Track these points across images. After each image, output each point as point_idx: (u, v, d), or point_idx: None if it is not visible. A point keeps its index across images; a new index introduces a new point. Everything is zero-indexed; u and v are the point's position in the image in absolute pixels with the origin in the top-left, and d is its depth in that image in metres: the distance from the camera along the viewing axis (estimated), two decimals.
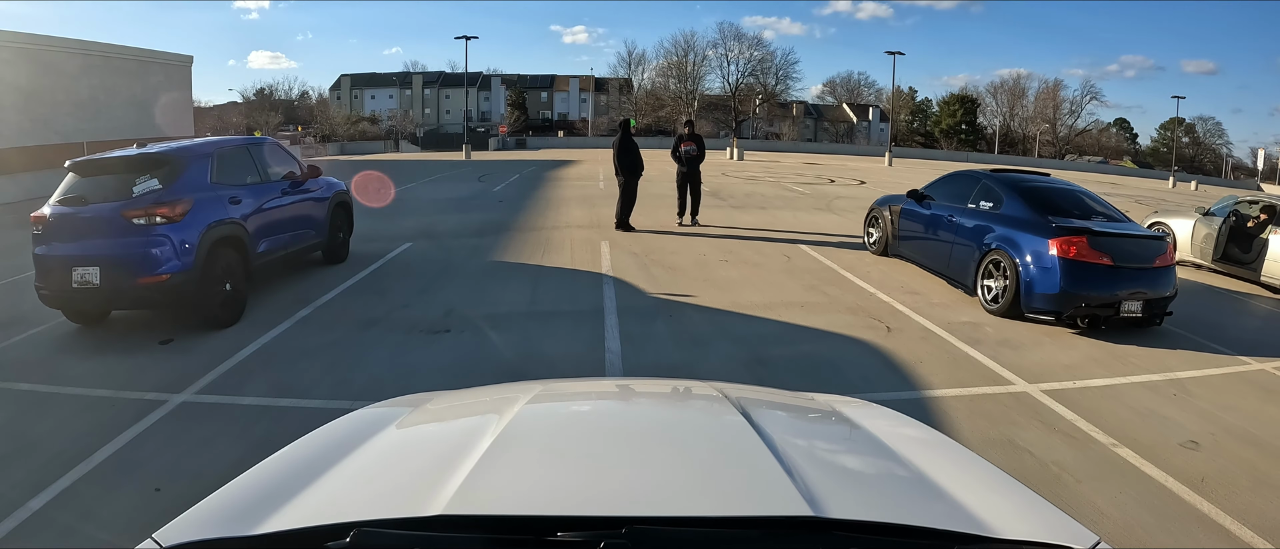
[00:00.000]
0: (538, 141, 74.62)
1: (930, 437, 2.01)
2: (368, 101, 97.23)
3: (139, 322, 8.16)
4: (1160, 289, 8.15)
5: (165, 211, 7.38)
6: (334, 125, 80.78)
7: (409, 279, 10.04)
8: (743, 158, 46.46)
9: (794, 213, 18.08)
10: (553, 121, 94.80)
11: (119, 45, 44.34)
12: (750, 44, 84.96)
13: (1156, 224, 13.94)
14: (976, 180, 10.00)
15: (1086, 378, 6.65)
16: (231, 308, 8.00)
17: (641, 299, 9.02)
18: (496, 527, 1.25)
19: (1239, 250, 12.19)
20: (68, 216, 7.57)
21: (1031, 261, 8.19)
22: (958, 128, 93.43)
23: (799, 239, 13.69)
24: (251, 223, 8.56)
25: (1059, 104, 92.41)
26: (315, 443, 1.79)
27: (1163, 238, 8.60)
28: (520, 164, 39.32)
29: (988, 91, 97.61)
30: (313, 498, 1.42)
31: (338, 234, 11.03)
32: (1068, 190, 9.51)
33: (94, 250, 7.33)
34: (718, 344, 7.34)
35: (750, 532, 1.26)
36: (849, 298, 9.23)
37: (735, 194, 22.16)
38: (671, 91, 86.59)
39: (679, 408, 2.33)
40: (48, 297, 7.64)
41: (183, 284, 7.45)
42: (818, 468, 1.57)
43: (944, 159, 62.07)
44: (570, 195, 21.65)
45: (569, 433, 1.91)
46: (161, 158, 7.89)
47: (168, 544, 1.28)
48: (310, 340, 7.37)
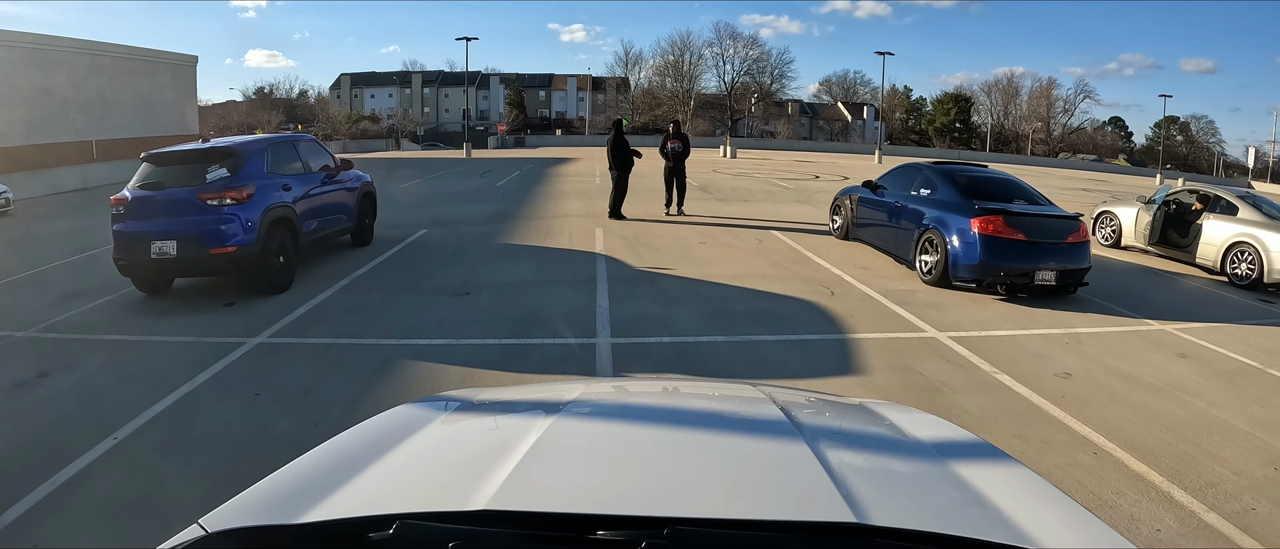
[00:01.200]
0: (536, 140, 76.01)
1: (976, 444, 2.01)
2: (368, 100, 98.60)
3: (202, 290, 9.64)
4: (1072, 262, 9.63)
5: (234, 195, 8.87)
6: (336, 124, 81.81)
7: (429, 257, 11.56)
8: (736, 155, 47.69)
9: (774, 205, 19.61)
10: (551, 120, 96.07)
11: (127, 46, 45.59)
12: (746, 43, 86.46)
13: (1105, 212, 15.47)
14: (919, 171, 11.56)
15: (992, 330, 8.14)
16: (284, 277, 9.49)
17: (628, 271, 10.54)
18: (539, 523, 1.26)
19: (1177, 235, 13.59)
20: (146, 199, 9.02)
21: (957, 238, 9.71)
22: (952, 126, 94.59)
23: (773, 227, 15.20)
24: (299, 206, 10.06)
25: (1053, 102, 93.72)
26: (361, 436, 1.81)
27: (1075, 218, 10.04)
28: (520, 161, 40.91)
29: (982, 90, 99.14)
30: (357, 489, 1.44)
31: (365, 220, 12.56)
32: (996, 179, 11.05)
33: (172, 227, 8.78)
34: (688, 302, 8.87)
35: (792, 536, 1.26)
36: (806, 271, 10.74)
37: (722, 188, 23.66)
38: (668, 90, 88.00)
39: (723, 409, 2.32)
40: (126, 266, 9.09)
41: (247, 255, 8.92)
42: (861, 473, 1.58)
43: (934, 157, 63.22)
44: (568, 189, 23.19)
45: (613, 432, 1.91)
46: (228, 151, 9.42)
47: (213, 530, 1.31)
48: (354, 301, 8.89)
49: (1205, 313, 9.70)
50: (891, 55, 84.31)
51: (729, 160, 43.21)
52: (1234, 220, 12.35)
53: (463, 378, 6.29)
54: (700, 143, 32.63)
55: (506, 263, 11.15)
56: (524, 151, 57.91)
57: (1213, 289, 11.51)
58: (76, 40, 41.72)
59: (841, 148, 74.77)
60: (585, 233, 13.93)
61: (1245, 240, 11.93)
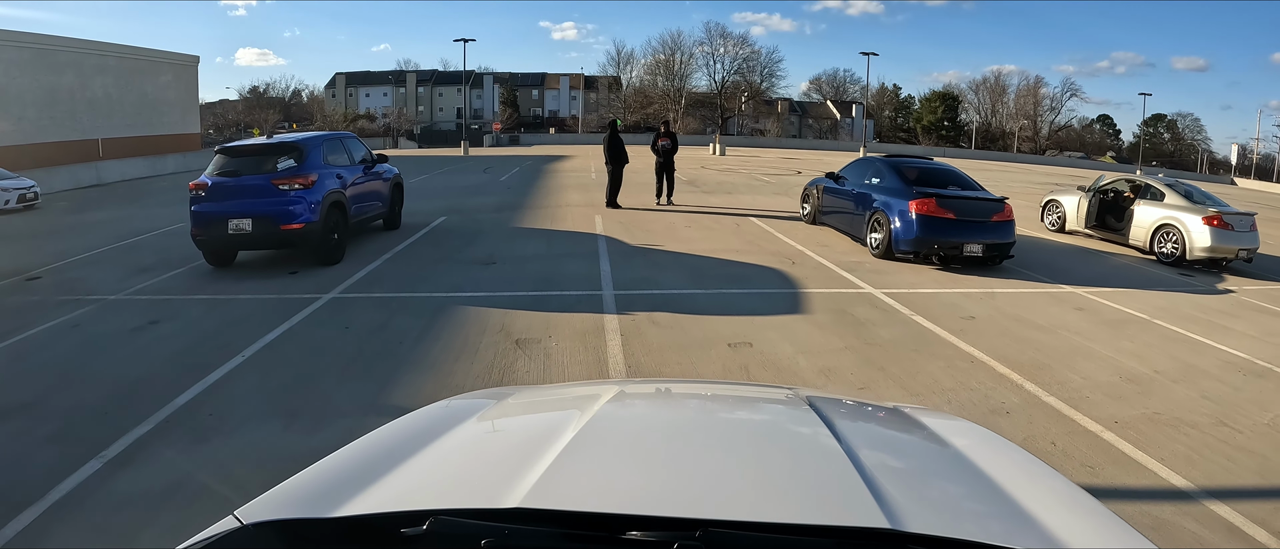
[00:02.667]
0: (530, 138, 77.51)
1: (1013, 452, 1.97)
2: (362, 99, 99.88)
3: (264, 262, 11.50)
4: (997, 237, 11.58)
5: (301, 181, 10.76)
6: (333, 123, 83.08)
7: (454, 238, 13.49)
8: (724, 153, 49.27)
9: (754, 196, 21.69)
10: (544, 118, 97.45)
11: (131, 46, 47.22)
12: (737, 42, 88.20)
13: (1051, 201, 17.49)
14: (872, 163, 13.55)
15: (920, 289, 10.09)
16: (338, 251, 11.38)
17: (624, 247, 12.51)
18: (572, 522, 1.27)
19: (1113, 219, 15.40)
20: (224, 184, 10.84)
21: (898, 218, 11.68)
22: (939, 124, 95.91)
23: (752, 214, 17.17)
24: (348, 192, 11.96)
25: (1039, 100, 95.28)
26: (396, 432, 1.84)
27: (1000, 201, 11.94)
28: (517, 159, 42.88)
29: (970, 88, 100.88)
30: (392, 484, 1.47)
31: (396, 207, 14.50)
32: (935, 168, 13.05)
33: (248, 207, 10.61)
34: (674, 268, 10.85)
35: (825, 541, 1.24)
36: (774, 248, 12.73)
37: (708, 183, 25.66)
38: (660, 89, 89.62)
39: (758, 412, 2.33)
40: (204, 241, 10.90)
41: (311, 232, 10.80)
42: (896, 479, 1.57)
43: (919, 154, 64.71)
44: (567, 183, 25.19)
45: (648, 433, 1.93)
46: (293, 145, 11.32)
47: (249, 522, 1.33)
48: (401, 269, 10.81)
49: (1119, 281, 11.55)
50: (876, 56, 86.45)
51: (718, 158, 44.85)
52: (1161, 205, 14.03)
53: (503, 317, 8.18)
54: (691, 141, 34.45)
55: (521, 241, 13.12)
56: (519, 149, 59.96)
57: (1138, 265, 13.29)
58: (83, 41, 43.15)
59: (829, 146, 75.98)
60: (586, 218, 15.90)
61: (1170, 222, 13.60)
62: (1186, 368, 7.27)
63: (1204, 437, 5.59)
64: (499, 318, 8.15)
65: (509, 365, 6.68)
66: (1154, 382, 6.81)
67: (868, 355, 7.16)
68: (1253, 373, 7.28)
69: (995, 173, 41.11)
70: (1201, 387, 6.74)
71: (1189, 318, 9.34)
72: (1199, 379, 6.95)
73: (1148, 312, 9.51)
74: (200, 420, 5.59)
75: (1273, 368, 7.44)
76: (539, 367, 6.67)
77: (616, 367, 6.66)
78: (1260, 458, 5.27)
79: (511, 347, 7.16)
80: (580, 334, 7.60)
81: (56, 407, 5.96)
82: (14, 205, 22.39)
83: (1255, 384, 6.94)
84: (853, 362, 6.98)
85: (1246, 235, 13.22)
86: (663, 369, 6.66)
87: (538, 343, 7.29)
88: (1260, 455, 5.31)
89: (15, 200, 22.49)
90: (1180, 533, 4.21)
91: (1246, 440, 5.57)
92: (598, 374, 6.53)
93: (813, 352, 7.23)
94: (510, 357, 6.90)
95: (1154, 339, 8.28)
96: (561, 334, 7.59)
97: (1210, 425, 5.83)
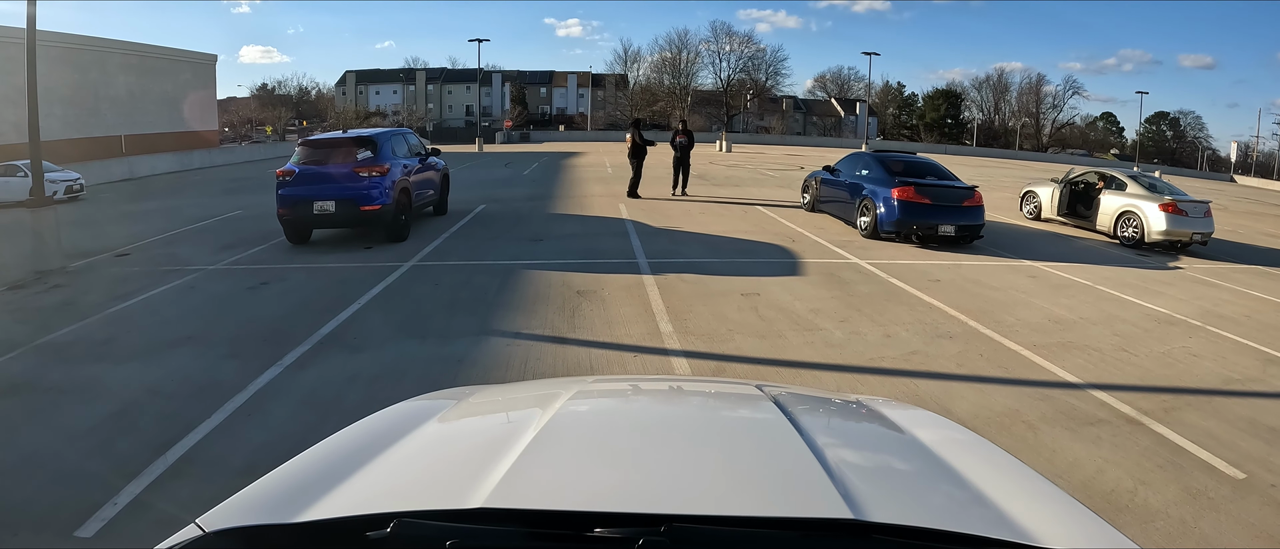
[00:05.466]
0: (540, 135, 79.13)
1: (973, 441, 2.00)
2: (372, 97, 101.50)
3: (337, 240, 13.37)
4: (968, 221, 13.54)
5: (378, 170, 12.72)
6: (345, 120, 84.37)
7: (500, 221, 15.55)
8: (730, 150, 51.24)
9: (759, 189, 23.82)
10: (552, 116, 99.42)
11: (152, 45, 48.97)
12: (742, 41, 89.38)
13: (1029, 191, 19.27)
14: (862, 157, 15.61)
15: (899, 260, 12.04)
16: (405, 230, 13.34)
17: (649, 228, 14.58)
18: (537, 521, 1.27)
19: (1083, 208, 16.99)
20: (309, 171, 12.71)
21: (882, 203, 13.67)
22: (941, 122, 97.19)
23: (757, 204, 19.21)
24: (411, 179, 13.93)
25: (1041, 98, 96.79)
26: (358, 434, 1.82)
27: (970, 188, 13.85)
28: (534, 155, 45.01)
29: (973, 86, 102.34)
30: (355, 488, 1.46)
31: (444, 195, 16.55)
32: (916, 161, 15.05)
33: (332, 191, 12.52)
34: (693, 244, 12.92)
35: (790, 532, 1.26)
36: (777, 230, 14.76)
37: (717, 177, 27.75)
38: (666, 87, 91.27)
39: (720, 407, 2.37)
40: (289, 220, 12.75)
41: (385, 212, 12.74)
42: (859, 470, 1.60)
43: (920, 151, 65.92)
44: (587, 177, 27.36)
45: (610, 430, 1.93)
46: (368, 139, 13.31)
47: (211, 529, 1.32)
48: (463, 244, 12.82)
49: (1076, 258, 13.24)
50: (877, 55, 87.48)
51: (724, 154, 46.93)
52: (1123, 194, 15.58)
53: (562, 276, 10.15)
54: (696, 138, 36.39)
55: (559, 224, 15.21)
56: (531, 146, 62.11)
57: (1100, 247, 14.84)
58: (106, 40, 44.88)
59: (832, 143, 76.48)
60: (611, 206, 18.02)
61: (1131, 209, 15.16)
62: (1108, 316, 9.13)
63: (1103, 357, 7.50)
64: (559, 277, 10.14)
65: (576, 307, 8.65)
66: (1076, 324, 8.68)
67: (849, 302, 9.17)
68: (1165, 322, 9.07)
69: (992, 169, 43.03)
70: (1115, 328, 8.61)
71: (1128, 285, 11.09)
72: (1116, 324, 8.80)
73: (1092, 280, 11.25)
74: (347, 342, 7.37)
75: (1186, 320, 9.17)
76: (599, 308, 8.63)
77: (658, 308, 8.63)
78: (1144, 370, 7.16)
79: (574, 295, 9.17)
80: (626, 287, 9.60)
81: (218, 337, 7.63)
82: (61, 196, 23.83)
83: (1163, 329, 8.74)
84: (837, 306, 8.98)
85: (1201, 221, 14.64)
86: (692, 309, 8.62)
87: (594, 293, 9.28)
88: (1144, 369, 7.20)
89: (62, 191, 24.12)
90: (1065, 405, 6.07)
91: (1138, 360, 7.45)
92: (645, 313, 8.46)
93: (806, 299, 9.23)
94: (575, 301, 8.89)
95: (1089, 298, 10.07)
96: (611, 287, 9.59)
97: (1111, 351, 7.72)
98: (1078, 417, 5.86)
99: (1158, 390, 6.58)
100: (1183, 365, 7.36)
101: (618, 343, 7.43)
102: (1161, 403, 6.24)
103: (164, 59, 50.36)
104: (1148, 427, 5.70)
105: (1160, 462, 5.10)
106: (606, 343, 7.42)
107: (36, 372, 6.79)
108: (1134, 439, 5.45)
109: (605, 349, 7.25)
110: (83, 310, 8.99)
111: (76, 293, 10.04)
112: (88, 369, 6.81)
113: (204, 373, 6.59)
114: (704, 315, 8.36)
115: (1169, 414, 5.97)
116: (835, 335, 7.78)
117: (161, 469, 4.70)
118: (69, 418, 5.65)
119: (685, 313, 8.44)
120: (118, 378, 6.52)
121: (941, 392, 6.29)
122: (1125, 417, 5.89)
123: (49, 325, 8.32)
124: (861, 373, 6.71)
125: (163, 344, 7.47)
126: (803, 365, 6.89)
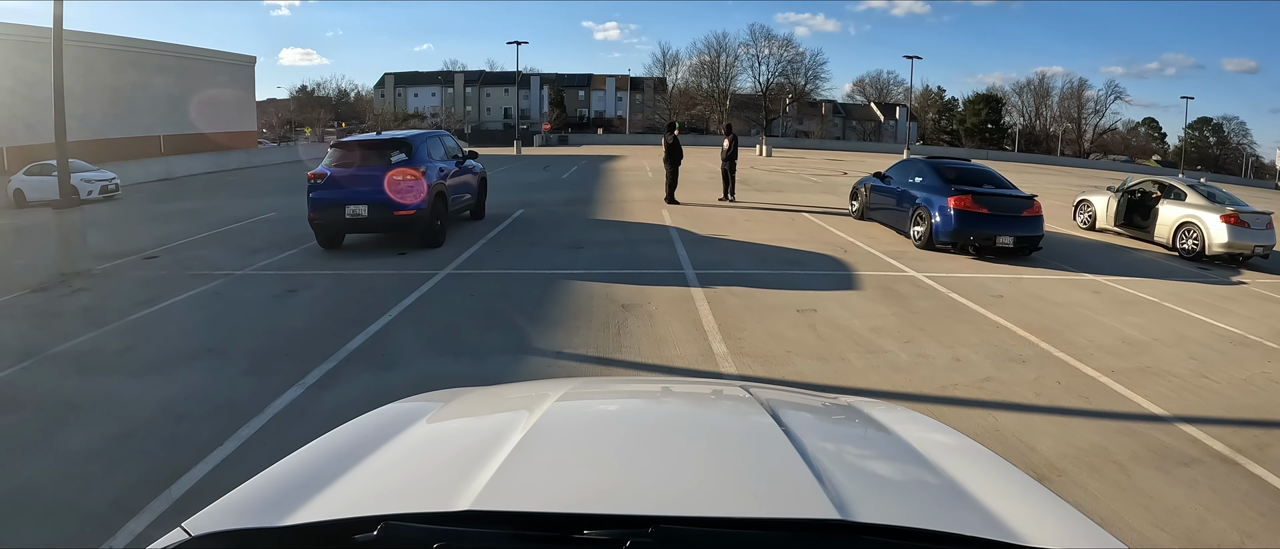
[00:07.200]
0: (578, 138, 79.17)
1: (959, 442, 2.02)
2: (411, 99, 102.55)
3: (370, 245, 13.03)
4: (1027, 231, 12.85)
5: (413, 173, 12.29)
6: (383, 122, 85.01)
7: (538, 227, 15.09)
8: (771, 154, 50.70)
9: (803, 195, 23.11)
10: (590, 119, 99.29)
11: (190, 46, 49.48)
12: (781, 44, 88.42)
13: (1083, 200, 18.57)
14: (915, 164, 14.91)
15: (956, 273, 11.40)
16: (440, 235, 12.93)
17: (694, 236, 14.01)
18: (524, 523, 1.27)
19: (1140, 218, 16.40)
20: (342, 174, 12.32)
21: (938, 212, 13.01)
22: (982, 126, 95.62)
23: (803, 210, 18.61)
24: (448, 183, 13.53)
25: (1083, 103, 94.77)
26: (345, 437, 1.83)
27: (1030, 198, 13.16)
28: (572, 158, 44.75)
29: (1013, 90, 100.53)
30: (341, 491, 1.46)
31: (482, 199, 16.10)
32: (972, 169, 14.36)
33: (365, 195, 12.10)
34: (740, 253, 12.32)
35: (777, 533, 1.27)
36: (826, 238, 14.13)
37: (759, 182, 27.12)
38: (704, 91, 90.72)
39: (707, 408, 2.36)
40: (320, 224, 12.37)
41: (420, 217, 12.32)
42: (846, 471, 1.60)
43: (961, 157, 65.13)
44: (626, 181, 26.90)
45: (597, 431, 1.94)
46: (402, 141, 12.90)
47: (197, 533, 1.32)
48: (499, 252, 12.36)
49: (1137, 271, 12.63)
50: (919, 59, 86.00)
51: (765, 159, 46.31)
52: (1183, 204, 15.02)
53: (604, 288, 9.66)
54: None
55: (599, 230, 14.70)
56: (569, 149, 61.92)
57: (1160, 260, 14.26)
58: (146, 41, 45.43)
59: (873, 147, 76.89)
60: (653, 212, 17.48)
61: (1191, 220, 14.60)
62: (1180, 337, 8.49)
63: (1183, 383, 6.87)
64: (601, 288, 9.63)
65: (622, 323, 8.13)
66: (1150, 346, 8.05)
67: (910, 320, 8.54)
68: (1240, 343, 8.45)
69: (1035, 175, 41.77)
70: (1189, 351, 7.96)
71: (1195, 302, 10.45)
72: (1189, 346, 8.16)
73: (1157, 296, 10.62)
74: (376, 359, 6.96)
75: (1261, 342, 8.58)
76: (646, 324, 8.10)
77: (709, 325, 8.07)
78: (1228, 399, 6.54)
79: (619, 309, 8.66)
80: (673, 301, 9.06)
81: (240, 349, 7.29)
82: (96, 196, 24.10)
83: (1239, 351, 8.13)
84: (898, 324, 8.36)
85: (1263, 233, 14.08)
86: (745, 326, 8.07)
87: (640, 307, 8.76)
88: (1228, 397, 6.58)
89: (98, 191, 24.35)
90: (1154, 441, 5.50)
91: (1219, 388, 6.83)
92: (695, 331, 7.92)
93: (864, 316, 8.63)
94: (621, 316, 8.37)
95: (1157, 316, 9.45)
96: (658, 301, 9.05)
97: (1190, 376, 7.09)
98: (1169, 455, 5.33)
99: (1246, 424, 6.05)
100: (1266, 394, 6.81)
101: (667, 365, 6.90)
102: (1253, 438, 5.71)
103: (203, 61, 50.77)
104: (1244, 467, 5.21)
105: (1263, 509, 4.62)
106: (655, 365, 6.90)
107: (48, 384, 6.49)
108: (1231, 482, 4.95)
109: (654, 373, 6.72)
110: (103, 316, 8.72)
111: (99, 297, 9.80)
112: (101, 383, 6.49)
113: (221, 391, 6.22)
114: (758, 334, 7.80)
115: (1263, 451, 5.46)
116: (900, 358, 7.18)
117: (164, 506, 4.27)
118: (74, 440, 5.26)
119: (738, 331, 7.89)
120: (131, 393, 6.18)
121: (1021, 426, 5.70)
122: (1218, 455, 5.38)
123: (68, 332, 8.06)
124: (934, 402, 6.10)
125: (182, 356, 7.15)
126: (870, 393, 6.31)
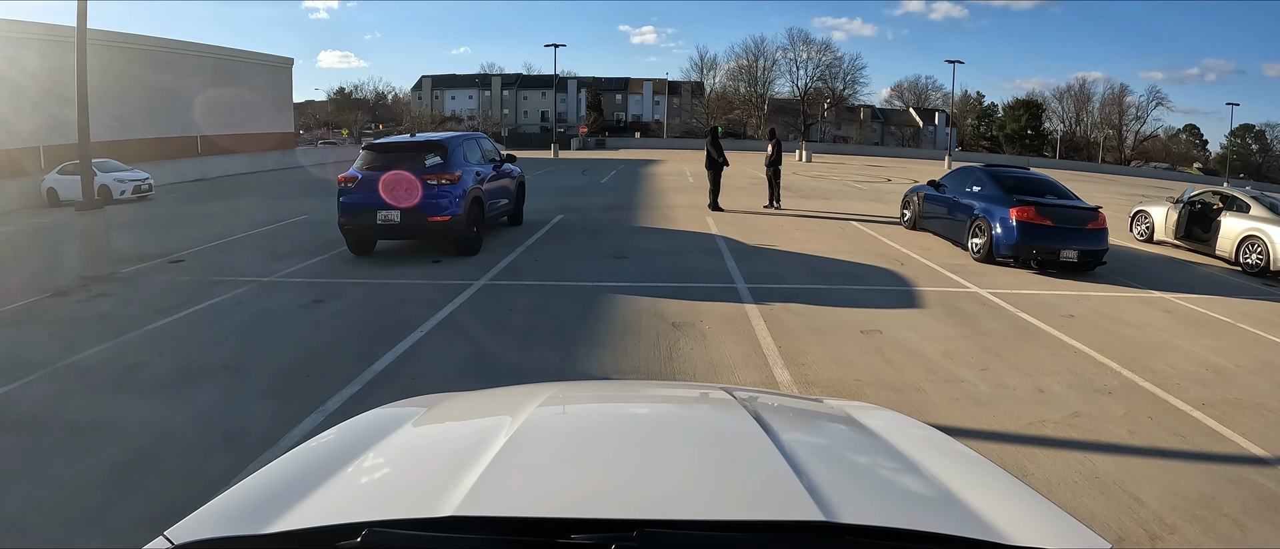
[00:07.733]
0: (616, 141, 78.91)
1: (942, 442, 2.02)
2: (448, 102, 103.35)
3: (405, 251, 12.64)
4: (1092, 244, 12.11)
5: (448, 178, 11.82)
6: (420, 124, 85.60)
7: (578, 234, 14.61)
8: (810, 159, 49.94)
9: (850, 202, 22.40)
10: (627, 123, 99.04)
11: (228, 48, 49.99)
12: (819, 49, 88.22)
13: (1140, 211, 17.76)
14: (972, 172, 14.22)
15: (1021, 289, 10.71)
16: (476, 242, 12.46)
17: (742, 246, 13.45)
18: (508, 528, 1.27)
19: (1200, 231, 15.61)
20: (373, 177, 11.79)
21: (999, 224, 12.32)
22: (1022, 133, 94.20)
23: (851, 219, 17.93)
24: (484, 188, 13.05)
25: (1124, 110, 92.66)
26: (328, 443, 1.83)
27: (1094, 210, 12.41)
28: (611, 162, 44.23)
29: (1054, 96, 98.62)
30: (324, 497, 1.46)
31: (520, 204, 15.66)
32: (1032, 178, 13.64)
33: (397, 200, 11.63)
34: (792, 265, 11.73)
35: (762, 536, 1.28)
36: (879, 250, 13.48)
37: (803, 188, 26.46)
38: (742, 95, 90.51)
39: (691, 411, 2.38)
40: (350, 230, 11.93)
41: (455, 224, 11.85)
42: (830, 472, 1.61)
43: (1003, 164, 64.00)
44: (667, 186, 26.37)
45: (581, 435, 1.95)
46: (437, 143, 12.44)
47: (179, 542, 1.30)
48: (538, 261, 11.89)
49: (1205, 289, 11.88)
50: (961, 63, 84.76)
51: (804, 164, 45.56)
52: (1247, 217, 14.26)
53: (652, 303, 9.13)
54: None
55: (643, 238, 14.19)
56: (607, 153, 61.42)
57: (1224, 275, 13.51)
58: (185, 42, 45.99)
59: (912, 153, 75.96)
60: (697, 219, 16.93)
61: (1255, 234, 13.84)
62: (1264, 364, 7.79)
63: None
64: (649, 304, 9.11)
65: (673, 344, 7.59)
66: (1235, 374, 7.37)
67: (982, 343, 7.91)
68: None
69: (1079, 183, 40.08)
70: (1276, 379, 7.30)
71: (1269, 322, 9.73)
72: (1274, 373, 7.49)
73: (1230, 316, 9.91)
74: (403, 382, 6.38)
75: None
76: (700, 346, 7.54)
77: (768, 348, 7.51)
78: None
79: (669, 328, 8.11)
80: (727, 319, 8.50)
81: (257, 367, 6.88)
82: (129, 196, 24.33)
83: None
84: (970, 348, 7.74)
85: None
86: (808, 350, 7.50)
87: (692, 326, 8.21)
88: None
89: (131, 191, 24.54)
90: (1262, 489, 4.88)
91: None
92: (755, 355, 7.35)
93: (933, 338, 8.03)
94: (672, 337, 7.83)
95: (1236, 340, 8.75)
96: (711, 319, 8.50)
97: None
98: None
99: None
100: None
101: None
102: None
103: (241, 62, 51.14)
104: None
105: None
106: None
107: (52, 401, 6.13)
108: None
109: None
110: (119, 325, 8.40)
111: (118, 304, 9.50)
112: (107, 402, 6.10)
113: (232, 416, 5.78)
114: (822, 359, 7.22)
115: None
116: (980, 390, 6.55)
117: None
118: (69, 469, 4.86)
119: (800, 355, 7.32)
120: (137, 415, 5.79)
121: (1121, 471, 5.04)
122: None
123: (80, 342, 7.73)
124: (1025, 443, 5.48)
125: (195, 373, 6.76)
126: (954, 432, 5.69)
